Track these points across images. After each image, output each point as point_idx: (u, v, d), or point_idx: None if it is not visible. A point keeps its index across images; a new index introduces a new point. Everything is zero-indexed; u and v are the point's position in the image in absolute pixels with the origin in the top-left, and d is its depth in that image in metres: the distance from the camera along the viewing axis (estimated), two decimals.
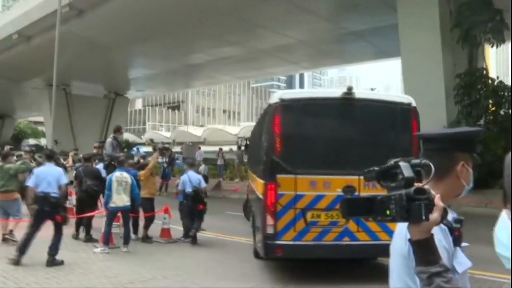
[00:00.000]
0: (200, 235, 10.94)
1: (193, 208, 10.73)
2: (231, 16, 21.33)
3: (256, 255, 8.76)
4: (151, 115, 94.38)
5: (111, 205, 9.67)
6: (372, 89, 22.39)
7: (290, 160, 7.12)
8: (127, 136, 58.35)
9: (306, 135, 7.44)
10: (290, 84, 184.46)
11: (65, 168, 12.88)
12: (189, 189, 10.80)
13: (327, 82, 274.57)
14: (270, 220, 7.00)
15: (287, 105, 7.27)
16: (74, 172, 12.28)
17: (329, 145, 7.44)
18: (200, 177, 11.36)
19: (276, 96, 7.64)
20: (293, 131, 7.32)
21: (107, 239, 9.63)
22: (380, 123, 7.49)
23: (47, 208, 8.25)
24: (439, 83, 16.46)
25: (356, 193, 6.09)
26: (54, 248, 8.27)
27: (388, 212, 1.48)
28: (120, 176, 9.74)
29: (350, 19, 21.33)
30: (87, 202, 10.89)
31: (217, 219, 13.86)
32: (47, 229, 8.42)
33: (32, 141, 68.41)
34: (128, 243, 9.72)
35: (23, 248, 8.26)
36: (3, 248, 9.42)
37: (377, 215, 1.52)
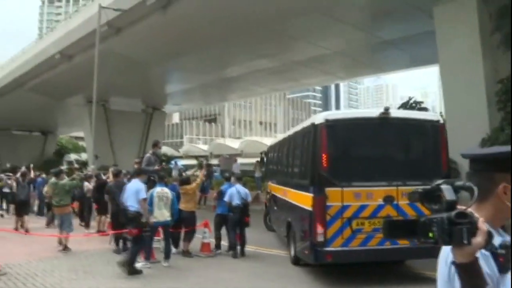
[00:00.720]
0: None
1: (241, 221, 10.88)
2: (266, 29, 21.44)
3: (295, 262, 9.41)
4: (188, 128, 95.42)
5: (153, 220, 9.81)
6: (409, 98, 22.03)
7: (336, 174, 7.93)
8: (165, 149, 59.17)
9: (349, 151, 8.40)
10: (325, 95, 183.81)
11: (105, 183, 13.28)
12: (237, 202, 10.91)
13: (363, 91, 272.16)
14: (320, 229, 7.74)
15: (331, 125, 8.09)
16: None
17: (370, 159, 8.35)
18: (247, 190, 11.51)
19: (321, 117, 8.39)
20: (337, 148, 8.20)
21: (149, 254, 9.77)
22: (413, 139, 8.51)
23: (124, 221, 9.01)
24: (480, 89, 16.07)
25: (395, 203, 7.73)
26: (132, 258, 8.85)
27: (431, 234, 1.48)
28: (161, 192, 9.89)
29: (384, 28, 21.10)
30: (120, 216, 10.99)
31: (257, 232, 13.87)
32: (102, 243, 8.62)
33: (73, 156, 70.37)
34: (169, 258, 9.81)
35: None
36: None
37: (420, 237, 1.52)
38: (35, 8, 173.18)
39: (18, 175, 16.57)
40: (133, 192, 9.24)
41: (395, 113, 8.58)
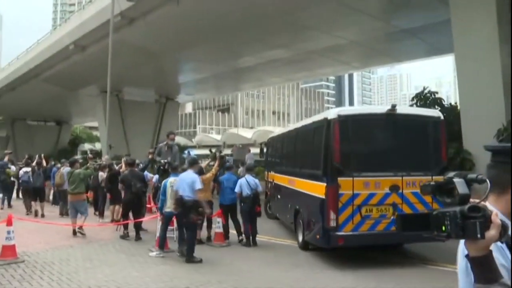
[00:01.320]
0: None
1: (252, 210, 11.01)
2: (280, 19, 21.32)
3: (304, 247, 10.18)
4: (201, 118, 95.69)
5: (166, 210, 9.89)
6: (424, 88, 21.82)
7: (348, 165, 8.72)
8: (178, 139, 59.32)
9: (359, 144, 9.06)
10: (339, 85, 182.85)
11: (118, 173, 13.51)
12: (247, 192, 10.98)
13: (377, 80, 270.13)
14: (333, 216, 8.51)
15: (343, 120, 8.86)
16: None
17: (377, 152, 9.11)
18: (257, 180, 11.56)
19: (334, 112, 9.18)
20: (348, 141, 8.90)
21: (163, 243, 9.86)
22: (416, 133, 9.31)
23: (182, 210, 9.38)
24: (496, 79, 15.82)
25: (400, 191, 8.58)
26: (190, 247, 9.34)
27: (443, 228, 1.48)
28: (175, 182, 9.95)
29: (401, 17, 20.88)
30: (136, 203, 11.74)
31: (269, 222, 13.95)
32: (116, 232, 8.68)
33: (87, 146, 70.97)
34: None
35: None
36: (74, 242, 9.86)
37: (433, 231, 1.52)
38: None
39: (34, 164, 17.50)
40: (189, 183, 9.45)
41: (401, 109, 9.44)
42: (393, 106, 9.11)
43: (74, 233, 11.94)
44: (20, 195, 19.44)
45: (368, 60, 31.78)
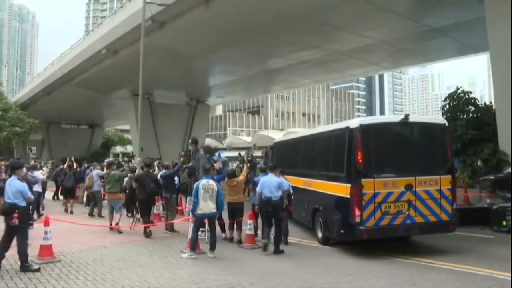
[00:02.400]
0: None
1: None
2: (310, 20, 21.24)
3: (325, 242, 11.36)
4: (231, 120, 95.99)
5: (198, 212, 9.93)
6: (457, 88, 21.46)
7: (369, 168, 10.04)
8: (208, 142, 59.88)
9: (378, 149, 10.31)
10: (369, 85, 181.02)
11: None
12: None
13: (408, 81, 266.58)
14: (358, 212, 9.80)
15: (364, 129, 10.19)
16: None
17: (394, 155, 10.46)
18: (289, 182, 11.73)
19: (356, 122, 10.52)
20: (369, 147, 10.20)
21: (194, 245, 9.91)
22: (426, 138, 10.78)
23: (270, 209, 10.62)
24: None
25: (414, 189, 10.00)
26: (278, 237, 10.68)
27: (504, 222, 1.45)
28: (207, 184, 9.97)
29: (432, 16, 20.52)
30: (149, 202, 12.73)
31: (300, 224, 13.87)
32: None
33: (119, 149, 71.97)
34: (214, 249, 9.93)
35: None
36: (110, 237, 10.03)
37: (492, 225, 1.48)
38: (82, 7, 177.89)
39: (65, 166, 19.49)
40: (275, 185, 10.70)
41: (413, 118, 10.64)
42: (406, 116, 10.49)
43: (111, 229, 13.04)
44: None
45: (398, 60, 31.37)
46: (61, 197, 20.52)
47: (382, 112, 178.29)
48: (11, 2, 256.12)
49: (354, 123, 10.47)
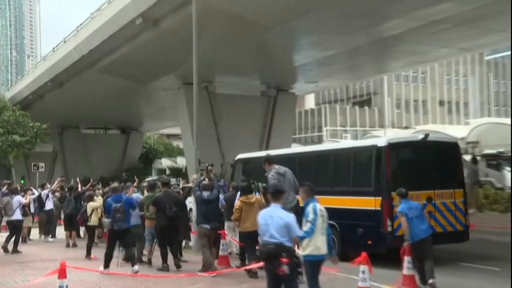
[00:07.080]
0: None
1: None
2: None
3: (342, 258, 12.99)
4: (329, 115, 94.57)
5: (312, 252, 10.53)
6: None
7: (397, 182, 14.77)
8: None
9: (404, 165, 17.07)
10: None
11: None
12: None
13: None
14: (389, 222, 15.07)
15: (392, 147, 16.11)
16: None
17: (416, 170, 16.56)
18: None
19: (384, 140, 16.94)
20: (397, 163, 16.55)
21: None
22: (441, 155, 17.07)
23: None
24: None
25: (433, 202, 15.77)
26: None
27: None
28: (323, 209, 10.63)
29: None
30: (170, 231, 14.51)
31: None
32: None
33: (165, 162, 72.32)
34: None
35: None
36: None
37: None
38: None
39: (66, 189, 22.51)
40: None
41: (432, 137, 17.17)
42: (426, 135, 16.51)
43: (150, 262, 15.59)
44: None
45: None
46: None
47: None
48: None
49: (382, 141, 16.82)
